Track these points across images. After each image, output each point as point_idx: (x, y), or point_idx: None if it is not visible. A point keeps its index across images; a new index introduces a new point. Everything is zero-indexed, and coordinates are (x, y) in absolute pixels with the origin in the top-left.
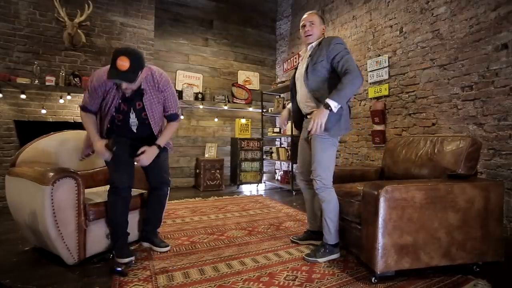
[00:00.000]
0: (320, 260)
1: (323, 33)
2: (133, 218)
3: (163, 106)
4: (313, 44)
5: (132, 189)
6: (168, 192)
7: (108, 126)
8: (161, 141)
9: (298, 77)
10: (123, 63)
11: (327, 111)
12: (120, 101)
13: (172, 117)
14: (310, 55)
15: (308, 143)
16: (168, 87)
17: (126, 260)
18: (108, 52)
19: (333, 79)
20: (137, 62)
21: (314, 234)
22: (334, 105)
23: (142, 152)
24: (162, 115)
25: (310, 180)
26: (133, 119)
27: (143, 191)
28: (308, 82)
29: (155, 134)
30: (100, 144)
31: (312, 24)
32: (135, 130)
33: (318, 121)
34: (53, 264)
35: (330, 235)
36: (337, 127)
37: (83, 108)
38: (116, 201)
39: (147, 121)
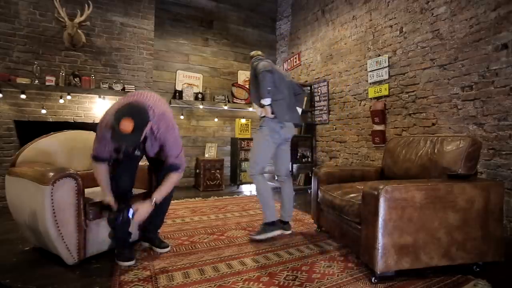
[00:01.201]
0: (257, 237)
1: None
2: None
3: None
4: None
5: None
6: (173, 194)
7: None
8: (158, 197)
9: None
10: (127, 126)
11: (266, 106)
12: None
13: (171, 168)
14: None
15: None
16: (165, 136)
17: (126, 263)
18: (108, 52)
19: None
20: (141, 122)
21: (282, 223)
22: (263, 102)
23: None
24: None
25: (278, 175)
26: (137, 152)
27: (144, 191)
28: (252, 98)
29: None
30: (111, 199)
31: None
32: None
33: (265, 112)
34: (53, 264)
35: (264, 214)
36: (280, 112)
37: (95, 158)
38: None
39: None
